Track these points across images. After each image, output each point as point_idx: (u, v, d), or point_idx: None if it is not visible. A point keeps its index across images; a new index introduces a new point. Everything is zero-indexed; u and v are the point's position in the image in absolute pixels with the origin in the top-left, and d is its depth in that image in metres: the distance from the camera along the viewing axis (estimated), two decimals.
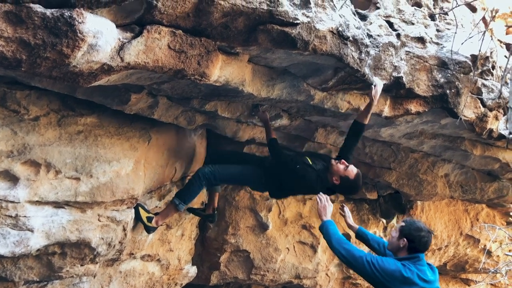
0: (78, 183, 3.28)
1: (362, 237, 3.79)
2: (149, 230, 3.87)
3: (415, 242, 3.08)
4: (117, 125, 3.63)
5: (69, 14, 2.16)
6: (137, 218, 3.80)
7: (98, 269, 3.80)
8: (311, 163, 3.84)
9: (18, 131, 3.07)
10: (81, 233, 3.36)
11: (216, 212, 4.67)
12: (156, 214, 3.93)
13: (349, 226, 3.91)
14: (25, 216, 3.06)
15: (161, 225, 4.02)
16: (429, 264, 3.14)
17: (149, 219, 3.83)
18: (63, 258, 3.41)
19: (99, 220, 3.49)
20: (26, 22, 2.12)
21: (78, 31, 2.20)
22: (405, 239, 3.10)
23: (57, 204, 3.25)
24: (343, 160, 3.73)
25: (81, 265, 3.55)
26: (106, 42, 2.37)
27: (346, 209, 3.96)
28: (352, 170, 3.68)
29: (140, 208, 3.79)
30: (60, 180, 3.22)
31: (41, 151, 3.13)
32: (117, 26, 2.47)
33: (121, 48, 2.49)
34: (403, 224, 3.19)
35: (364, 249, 3.45)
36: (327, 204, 3.42)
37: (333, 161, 3.79)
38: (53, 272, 3.43)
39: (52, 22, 2.14)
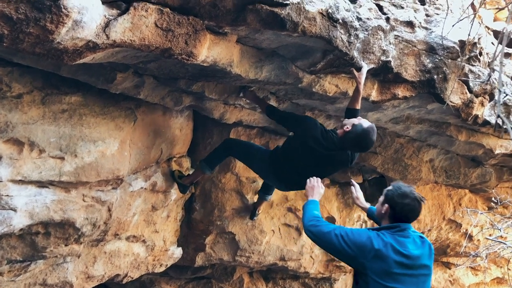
0: (63, 162, 3.24)
1: (373, 217, 3.27)
2: (183, 188, 4.50)
3: (396, 209, 2.62)
4: (103, 104, 3.57)
5: None
6: (173, 177, 4.48)
7: (83, 249, 3.79)
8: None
9: (0, 109, 3.00)
10: (65, 213, 3.33)
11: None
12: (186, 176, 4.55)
13: (360, 207, 3.42)
14: (7, 195, 3.03)
15: (190, 185, 4.62)
16: (421, 237, 2.67)
17: (181, 177, 4.49)
18: (47, 238, 3.39)
19: (83, 200, 3.46)
20: None
21: (62, 6, 2.13)
22: (386, 205, 2.67)
23: (41, 184, 3.22)
24: None
25: (65, 245, 3.53)
26: (92, 18, 2.32)
27: (356, 188, 3.39)
28: (366, 121, 3.52)
29: (175, 171, 4.50)
30: (44, 159, 3.17)
31: (24, 129, 3.07)
32: (103, 3, 2.41)
33: (107, 25, 2.43)
34: (390, 187, 2.75)
35: None
36: (316, 185, 3.17)
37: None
38: (37, 252, 3.41)
39: None
